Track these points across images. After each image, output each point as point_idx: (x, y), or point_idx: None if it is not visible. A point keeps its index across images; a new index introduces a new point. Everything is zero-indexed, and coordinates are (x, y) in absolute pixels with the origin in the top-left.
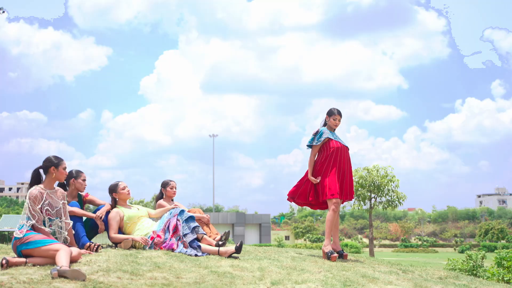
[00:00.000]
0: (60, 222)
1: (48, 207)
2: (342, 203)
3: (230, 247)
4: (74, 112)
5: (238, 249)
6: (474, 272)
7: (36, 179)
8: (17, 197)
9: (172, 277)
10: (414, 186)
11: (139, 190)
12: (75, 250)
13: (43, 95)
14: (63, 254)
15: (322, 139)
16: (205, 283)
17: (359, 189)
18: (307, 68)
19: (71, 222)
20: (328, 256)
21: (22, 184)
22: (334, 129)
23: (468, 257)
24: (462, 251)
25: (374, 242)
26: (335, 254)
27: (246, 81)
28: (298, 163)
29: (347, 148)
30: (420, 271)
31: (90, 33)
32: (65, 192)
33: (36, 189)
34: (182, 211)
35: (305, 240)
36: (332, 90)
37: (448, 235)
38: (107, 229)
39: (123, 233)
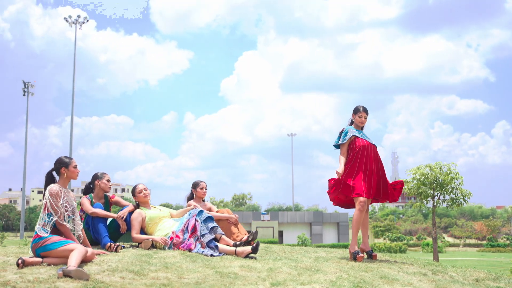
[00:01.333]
0: (74, 221)
1: (66, 204)
2: (374, 202)
3: (246, 247)
4: (159, 114)
5: (255, 250)
6: None
7: (50, 181)
8: None
9: (174, 277)
10: (504, 182)
11: (221, 190)
12: (89, 250)
13: (129, 99)
14: (75, 254)
15: (348, 137)
16: (205, 283)
17: (421, 186)
18: (388, 64)
19: (81, 224)
20: (354, 257)
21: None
22: (362, 127)
23: None
24: None
25: (459, 241)
26: (361, 255)
27: (325, 79)
28: None
29: (374, 146)
30: (457, 272)
31: (172, 38)
32: (77, 194)
33: (55, 186)
34: (200, 212)
35: (384, 239)
36: (414, 86)
37: None
38: (129, 229)
39: (145, 233)
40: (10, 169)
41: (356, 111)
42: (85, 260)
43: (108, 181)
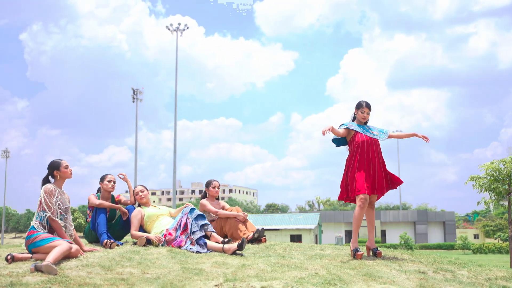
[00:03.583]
0: (67, 220)
1: (59, 203)
2: (378, 198)
3: (233, 244)
4: (266, 116)
5: (240, 246)
6: None
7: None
8: None
9: (138, 272)
10: None
11: (330, 189)
12: (74, 247)
13: (237, 102)
14: (55, 251)
15: (344, 126)
16: (163, 278)
17: (494, 182)
18: (503, 55)
19: (73, 225)
20: (353, 254)
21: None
22: (365, 123)
23: None
24: None
25: None
26: (360, 252)
27: (434, 74)
28: (497, 157)
29: (376, 140)
30: (472, 271)
31: (277, 40)
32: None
33: (50, 185)
34: (192, 210)
35: (495, 238)
36: None
37: None
38: (129, 226)
39: (145, 231)
40: (129, 171)
41: (358, 106)
42: (69, 256)
43: (109, 181)
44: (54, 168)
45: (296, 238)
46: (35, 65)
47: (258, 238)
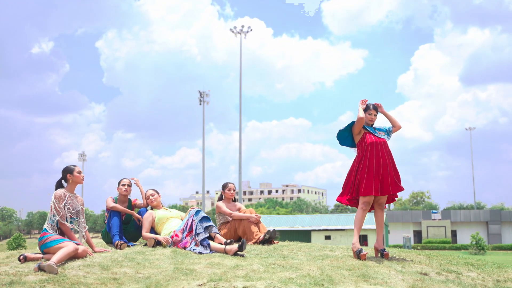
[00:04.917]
0: (79, 222)
1: (69, 207)
2: (392, 198)
3: (234, 246)
4: (335, 115)
5: (241, 247)
6: None
7: (59, 188)
8: (283, 198)
9: (132, 272)
10: None
11: None
12: (81, 247)
13: (306, 102)
14: (61, 252)
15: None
16: (152, 277)
17: None
18: None
19: (87, 226)
20: (357, 255)
21: (287, 186)
22: (372, 124)
23: None
24: None
25: None
26: (364, 253)
27: (511, 67)
28: None
29: (384, 141)
30: (481, 273)
31: (346, 38)
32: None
33: (60, 190)
34: (197, 212)
35: None
36: None
37: None
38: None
39: (155, 232)
40: (199, 173)
41: (366, 109)
42: (76, 257)
43: (124, 185)
44: (68, 172)
45: (361, 238)
46: (110, 71)
47: (269, 239)
